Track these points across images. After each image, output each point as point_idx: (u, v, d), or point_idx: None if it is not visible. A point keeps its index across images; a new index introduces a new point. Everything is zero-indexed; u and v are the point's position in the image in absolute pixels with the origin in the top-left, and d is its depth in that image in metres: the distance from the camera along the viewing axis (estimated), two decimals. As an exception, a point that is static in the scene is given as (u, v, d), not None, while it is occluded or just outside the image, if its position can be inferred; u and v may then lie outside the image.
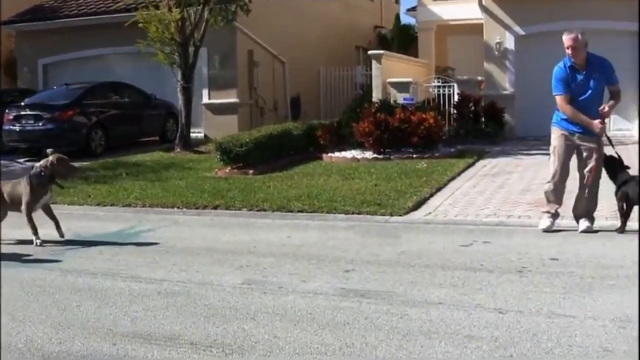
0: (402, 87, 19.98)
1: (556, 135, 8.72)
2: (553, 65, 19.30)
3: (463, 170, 14.08)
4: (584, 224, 8.47)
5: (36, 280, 6.82)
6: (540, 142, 18.35)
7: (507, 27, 20.21)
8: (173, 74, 19.78)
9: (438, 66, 25.75)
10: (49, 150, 9.17)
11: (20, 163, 10.12)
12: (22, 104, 19.86)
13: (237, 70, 22.20)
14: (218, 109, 22.27)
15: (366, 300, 5.69)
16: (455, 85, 20.39)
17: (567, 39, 8.33)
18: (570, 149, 8.60)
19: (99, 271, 7.07)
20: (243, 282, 6.39)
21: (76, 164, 16.83)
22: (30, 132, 19.12)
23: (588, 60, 8.39)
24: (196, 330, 5.10)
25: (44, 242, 8.50)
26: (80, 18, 23.93)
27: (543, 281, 6.19)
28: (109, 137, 19.89)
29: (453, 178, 13.18)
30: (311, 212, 10.41)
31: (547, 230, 8.52)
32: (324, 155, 16.38)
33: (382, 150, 15.98)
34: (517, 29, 20.16)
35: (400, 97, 19.49)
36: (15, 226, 8.96)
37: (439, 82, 21.15)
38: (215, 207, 11.17)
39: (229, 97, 22.19)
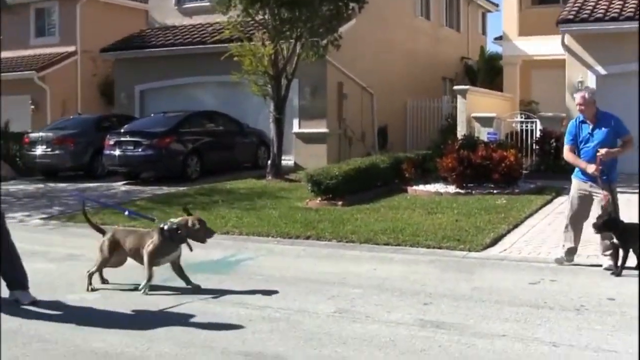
0: (486, 121, 20.81)
1: (572, 185, 9.80)
2: (633, 105, 20.10)
3: (540, 207, 14.83)
4: (606, 262, 9.48)
5: (155, 303, 7.90)
6: (619, 180, 18.95)
7: (588, 66, 20.87)
8: (265, 105, 20.92)
9: (522, 100, 26.44)
10: (188, 209, 9.13)
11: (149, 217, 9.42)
12: (122, 130, 21.16)
13: (326, 102, 23.26)
14: (308, 138, 23.34)
15: (441, 331, 6.66)
16: (538, 121, 21.09)
17: (577, 98, 9.53)
18: (583, 197, 9.60)
19: (209, 297, 8.14)
20: (335, 310, 7.42)
21: (172, 189, 18.32)
22: (130, 158, 20.46)
23: (597, 116, 9.47)
24: (297, 351, 6.13)
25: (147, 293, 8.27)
26: (176, 47, 25.33)
27: (597, 319, 7.06)
28: (204, 164, 21.13)
29: (530, 215, 13.95)
30: (396, 245, 11.31)
31: (559, 262, 9.69)
32: (409, 188, 17.30)
33: (464, 184, 16.83)
34: (599, 68, 20.81)
35: (484, 132, 20.31)
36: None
37: (521, 117, 21.88)
38: (307, 238, 12.14)
39: (319, 127, 23.23)
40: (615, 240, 9.16)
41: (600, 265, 9.60)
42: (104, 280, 8.79)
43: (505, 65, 27.05)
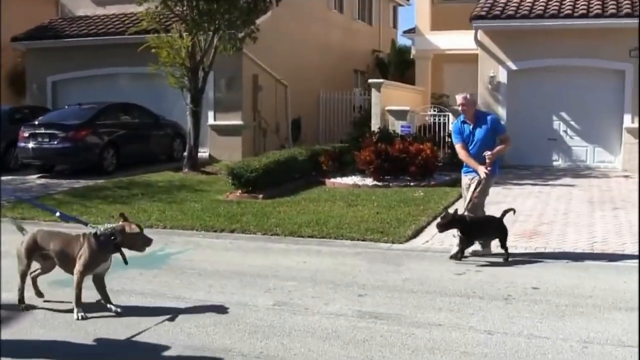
0: (400, 115, 21.20)
1: (462, 180, 10.64)
2: (541, 99, 20.96)
3: (457, 199, 15.16)
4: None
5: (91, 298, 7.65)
6: (528, 171, 19.70)
7: (500, 62, 21.49)
8: (182, 97, 20.86)
9: (434, 93, 26.98)
10: (125, 215, 7.63)
11: (83, 222, 7.87)
12: (37, 122, 20.69)
13: (242, 94, 23.33)
14: (223, 130, 23.39)
15: (380, 321, 6.90)
16: (450, 114, 21.59)
17: (459, 99, 10.28)
18: (468, 187, 10.36)
19: (146, 292, 8.20)
20: (274, 303, 7.59)
21: (90, 182, 18.13)
22: (45, 150, 20.07)
23: (476, 116, 10.25)
24: (244, 344, 6.27)
25: (85, 317, 7.11)
26: (91, 38, 24.96)
27: (525, 307, 7.41)
28: (120, 156, 20.90)
29: (447, 207, 14.30)
30: (320, 237, 11.55)
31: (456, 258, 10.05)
32: (327, 181, 17.56)
33: (381, 177, 17.17)
34: (510, 63, 21.44)
35: (397, 125, 20.70)
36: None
37: (434, 110, 22.37)
38: (232, 231, 12.26)
39: (234, 119, 23.30)
40: (458, 233, 9.95)
41: (514, 254, 10.16)
42: (38, 293, 7.74)
43: (417, 59, 27.52)
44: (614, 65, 20.45)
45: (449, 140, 20.92)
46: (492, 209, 14.07)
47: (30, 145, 20.19)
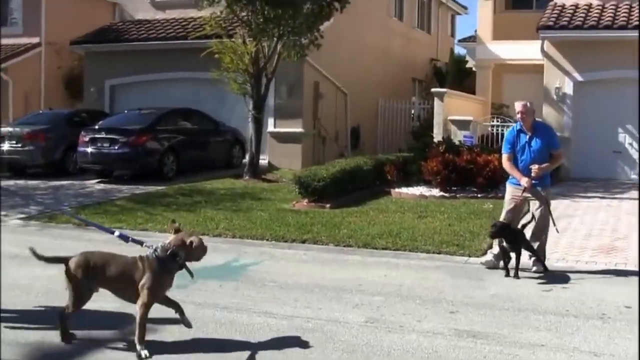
0: (463, 125, 21.01)
1: (507, 190, 10.39)
2: (607, 111, 20.64)
3: (526, 212, 14.97)
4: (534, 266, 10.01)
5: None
6: (594, 184, 19.35)
7: (566, 73, 21.19)
8: (244, 103, 20.80)
9: (494, 103, 26.68)
10: (176, 225, 6.58)
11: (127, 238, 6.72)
12: (97, 127, 20.77)
13: (303, 101, 23.23)
14: (283, 138, 23.29)
15: (479, 341, 6.71)
16: (514, 124, 21.26)
17: (518, 106, 9.92)
18: (516, 202, 10.13)
19: (230, 306, 8.01)
20: (366, 320, 7.42)
21: (150, 188, 18.10)
22: (105, 155, 20.13)
23: (534, 126, 9.92)
24: (344, 363, 6.12)
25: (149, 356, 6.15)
26: (151, 42, 25.05)
27: (624, 328, 7.18)
28: (180, 162, 20.88)
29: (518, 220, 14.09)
30: (394, 249, 11.37)
31: (487, 265, 10.06)
32: (393, 191, 17.39)
33: (448, 188, 16.96)
34: (576, 75, 21.12)
35: (460, 134, 20.48)
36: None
37: (497, 121, 22.09)
38: (304, 241, 12.10)
39: (294, 127, 23.19)
40: (505, 244, 9.70)
41: (595, 272, 9.99)
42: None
43: (478, 68, 27.28)
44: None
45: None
46: (562, 223, 13.87)
47: (90, 149, 20.24)
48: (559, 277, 9.58)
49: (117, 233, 6.82)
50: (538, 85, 22.10)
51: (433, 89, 23.58)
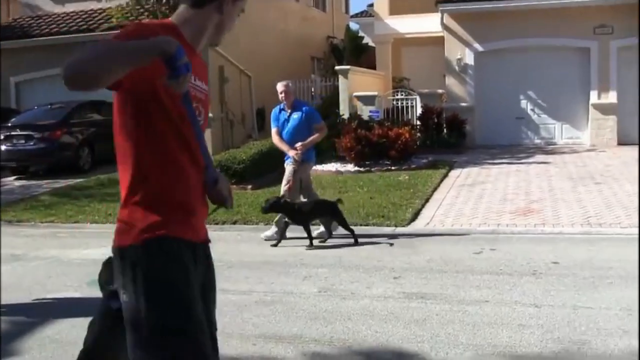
0: (368, 100, 21.54)
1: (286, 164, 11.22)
2: (508, 79, 21.48)
3: (441, 181, 15.70)
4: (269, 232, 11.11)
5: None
6: (499, 151, 20.26)
7: (467, 44, 21.98)
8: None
9: (394, 77, 27.37)
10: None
11: None
12: (10, 124, 20.70)
13: (209, 86, 23.31)
14: (191, 124, 23.33)
15: (428, 301, 7.25)
16: (418, 97, 22.00)
17: (280, 87, 11.06)
18: (288, 177, 11.05)
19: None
20: (319, 290, 7.88)
21: (69, 182, 18.13)
22: (21, 152, 20.05)
23: (294, 104, 11.08)
24: (310, 330, 6.52)
25: None
26: (54, 37, 24.74)
27: (556, 281, 7.84)
28: (95, 154, 20.97)
29: (435, 189, 14.78)
30: (323, 224, 11.83)
31: (267, 238, 10.95)
32: (309, 169, 17.78)
33: (362, 163, 17.52)
34: (477, 45, 21.94)
35: (366, 110, 21.05)
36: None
37: (401, 94, 22.76)
38: (234, 223, 12.48)
39: (203, 112, 23.26)
40: (286, 219, 10.63)
41: (517, 233, 10.76)
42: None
43: (377, 44, 27.90)
44: (579, 43, 21.08)
45: (417, 123, 21.44)
46: (476, 189, 14.64)
47: (5, 147, 20.12)
48: (485, 240, 10.23)
49: None
50: (439, 56, 22.86)
51: (337, 67, 24.06)
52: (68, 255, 10.45)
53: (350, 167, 17.66)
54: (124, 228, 3.14)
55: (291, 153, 10.71)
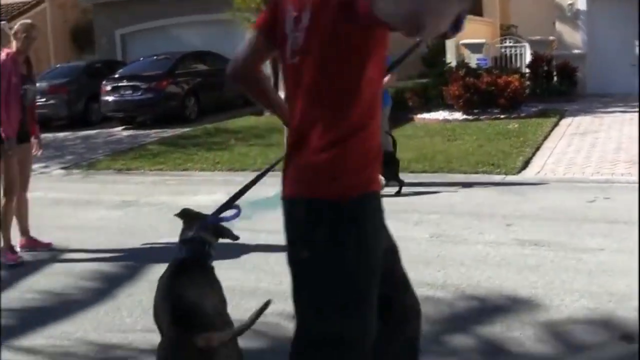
0: (476, 48, 21.18)
1: None
2: (622, 25, 20.60)
3: (551, 130, 15.39)
4: None
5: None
6: (612, 99, 19.63)
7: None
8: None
9: (502, 24, 26.80)
10: None
11: None
12: (117, 75, 21.26)
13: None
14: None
15: (542, 248, 7.20)
16: (527, 45, 21.55)
17: None
18: None
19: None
20: (430, 235, 7.91)
21: (176, 131, 18.49)
22: (128, 102, 20.63)
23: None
24: (423, 275, 6.40)
25: None
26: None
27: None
28: (201, 104, 21.37)
29: (546, 137, 14.49)
30: (432, 172, 11.79)
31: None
32: (415, 117, 17.73)
33: (470, 111, 17.34)
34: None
35: (473, 58, 20.72)
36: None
37: (511, 42, 22.33)
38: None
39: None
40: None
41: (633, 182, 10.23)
42: None
43: (485, -10, 27.28)
44: None
45: (526, 71, 21.03)
46: (589, 138, 14.29)
47: (113, 98, 20.72)
48: (599, 189, 10.00)
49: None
50: (548, 2, 22.27)
51: (445, 15, 23.73)
52: (178, 201, 10.63)
53: (458, 115, 17.49)
54: (326, 178, 2.84)
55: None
